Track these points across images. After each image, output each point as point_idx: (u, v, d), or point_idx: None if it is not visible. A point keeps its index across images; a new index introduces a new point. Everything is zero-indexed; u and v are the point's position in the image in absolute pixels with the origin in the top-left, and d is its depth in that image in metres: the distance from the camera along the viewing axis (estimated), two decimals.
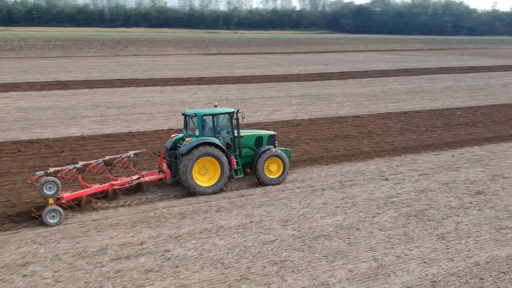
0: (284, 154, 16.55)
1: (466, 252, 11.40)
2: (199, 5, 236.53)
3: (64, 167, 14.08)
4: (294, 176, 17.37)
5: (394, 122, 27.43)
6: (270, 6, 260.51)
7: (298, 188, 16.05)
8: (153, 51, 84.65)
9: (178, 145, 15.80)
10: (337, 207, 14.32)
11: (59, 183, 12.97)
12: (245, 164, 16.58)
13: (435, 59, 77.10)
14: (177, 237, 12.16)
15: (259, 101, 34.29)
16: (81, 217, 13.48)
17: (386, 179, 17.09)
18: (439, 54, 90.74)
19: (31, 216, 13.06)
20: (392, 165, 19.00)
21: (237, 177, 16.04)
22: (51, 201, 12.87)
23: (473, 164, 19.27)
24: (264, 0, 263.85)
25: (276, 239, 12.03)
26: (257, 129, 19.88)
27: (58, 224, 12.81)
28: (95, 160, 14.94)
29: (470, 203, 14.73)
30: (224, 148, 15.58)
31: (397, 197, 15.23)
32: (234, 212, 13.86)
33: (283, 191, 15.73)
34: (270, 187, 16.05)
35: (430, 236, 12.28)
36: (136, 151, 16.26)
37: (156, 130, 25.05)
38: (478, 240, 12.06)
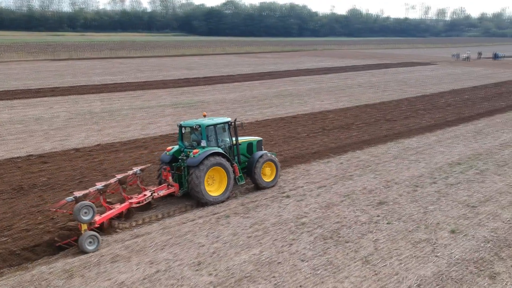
0: (276, 158, 17.28)
1: (395, 277, 10.83)
2: (40, 6, 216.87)
3: (87, 190, 13.32)
4: (192, 201, 15.57)
5: (275, 130, 26.98)
6: (118, 7, 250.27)
7: (200, 217, 14.29)
8: None
9: (180, 157, 15.61)
10: (249, 237, 12.91)
11: (95, 207, 12.29)
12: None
13: (290, 61, 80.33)
14: None
15: (129, 113, 31.41)
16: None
17: (288, 196, 16.18)
18: (292, 56, 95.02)
19: (56, 246, 12.08)
20: (288, 179, 18.22)
21: (240, 183, 16.30)
22: (84, 226, 12.09)
23: (363, 170, 19.39)
24: (112, 1, 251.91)
25: None
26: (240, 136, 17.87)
27: (96, 250, 11.94)
28: (111, 180, 14.36)
29: (378, 216, 14.46)
30: (229, 157, 15.76)
31: (305, 216, 14.36)
32: (133, 260, 11.60)
33: (184, 223, 13.83)
34: (167, 221, 14.03)
35: (355, 262, 11.52)
36: (142, 167, 15.74)
37: (11, 158, 20.95)
38: (401, 260, 11.63)
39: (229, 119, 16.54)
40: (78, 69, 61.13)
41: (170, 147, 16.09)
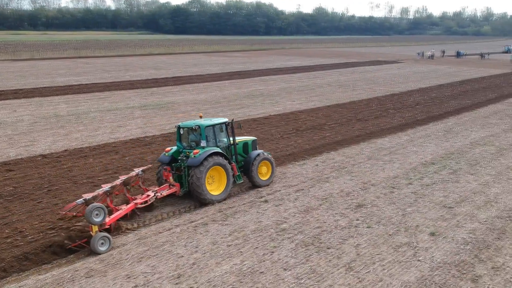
0: (272, 158, 17.76)
1: (379, 283, 10.69)
2: None
3: (96, 192, 13.43)
4: (168, 208, 15.11)
5: (248, 131, 26.61)
6: (81, 5, 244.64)
7: (177, 226, 13.84)
8: None
9: (180, 157, 15.86)
10: (229, 245, 12.56)
11: (106, 208, 12.38)
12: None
13: (259, 60, 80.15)
14: None
15: (97, 116, 30.45)
16: None
17: (266, 201, 15.90)
18: (261, 55, 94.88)
19: (67, 248, 12.06)
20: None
21: (238, 182, 16.63)
22: (95, 228, 12.12)
23: (339, 172, 19.31)
24: None
25: None
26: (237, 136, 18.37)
27: (107, 251, 12.04)
28: (117, 181, 14.48)
29: (357, 219, 14.36)
30: (228, 156, 16.10)
31: (285, 222, 14.11)
32: (109, 274, 11.07)
33: (161, 233, 13.35)
34: (143, 231, 13.51)
35: (338, 269, 11.34)
36: (144, 168, 15.91)
37: None
38: (384, 265, 11.52)
39: (226, 119, 16.89)
40: (40, 70, 59.18)
41: (168, 148, 16.36)
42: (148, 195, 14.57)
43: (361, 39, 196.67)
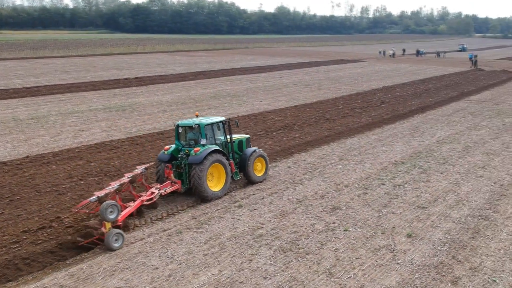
0: (266, 154, 18.37)
1: None
2: None
3: (107, 190, 13.46)
4: (137, 217, 14.51)
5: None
6: (36, 4, 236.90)
7: (150, 235, 13.29)
8: None
9: (180, 155, 16.15)
10: (205, 254, 12.13)
11: (119, 206, 12.73)
12: None
13: (223, 60, 79.58)
14: None
15: (58, 120, 29.24)
16: None
17: (241, 206, 15.54)
18: (225, 54, 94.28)
19: (78, 245, 12.31)
20: (238, 186, 17.58)
21: (236, 179, 17.11)
22: (108, 225, 12.30)
23: (311, 174, 19.17)
24: None
25: None
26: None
27: (120, 248, 12.30)
28: (123, 179, 14.63)
29: (333, 222, 14.21)
30: (226, 154, 16.57)
31: (261, 228, 13.80)
32: None
33: (133, 243, 12.77)
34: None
35: (318, 275, 11.11)
36: (147, 165, 16.13)
37: None
38: (364, 270, 11.38)
39: (223, 118, 17.32)
40: None
41: (167, 147, 16.62)
42: (153, 192, 14.84)
43: (323, 38, 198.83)
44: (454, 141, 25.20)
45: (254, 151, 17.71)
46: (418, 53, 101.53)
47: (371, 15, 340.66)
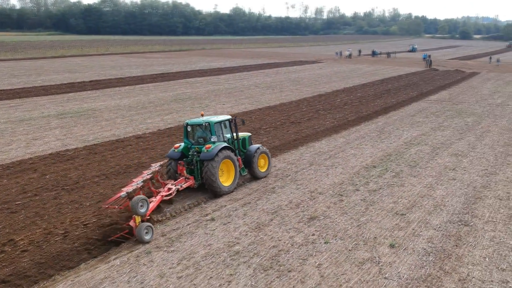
0: (268, 151, 19.20)
1: None
2: None
3: (135, 186, 13.90)
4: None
5: (181, 139, 24.95)
6: None
7: (116, 257, 12.09)
8: None
9: (191, 153, 16.73)
10: (179, 277, 11.10)
11: (148, 200, 13.22)
12: None
13: (181, 61, 77.97)
14: None
15: (7, 128, 27.18)
16: None
17: (213, 219, 14.56)
18: (182, 56, 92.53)
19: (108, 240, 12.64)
20: (209, 197, 16.58)
21: (243, 175, 17.93)
22: (138, 219, 12.85)
23: (283, 181, 18.41)
24: None
25: None
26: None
27: (151, 240, 12.83)
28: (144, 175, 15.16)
29: (313, 234, 13.47)
30: (235, 150, 17.47)
31: (238, 243, 12.88)
32: None
33: (97, 268, 11.54)
34: (81, 268, 11.64)
35: None
36: (161, 163, 16.75)
37: None
38: (351, 287, 10.69)
39: (229, 116, 18.10)
40: None
41: (177, 145, 17.26)
42: (170, 188, 15.40)
43: (279, 39, 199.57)
44: (421, 142, 25.12)
45: (258, 148, 18.40)
46: (373, 53, 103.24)
47: (325, 16, 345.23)
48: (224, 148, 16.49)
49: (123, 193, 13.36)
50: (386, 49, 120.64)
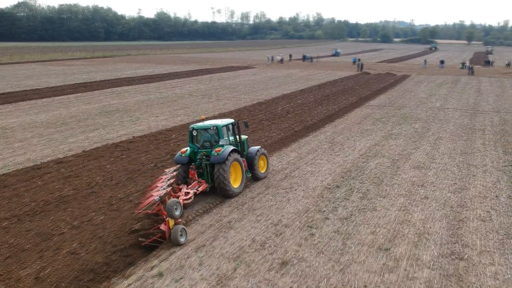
0: (266, 151, 19.42)
1: None
2: None
3: (164, 190, 13.69)
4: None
5: (111, 162, 21.46)
6: None
7: None
8: None
9: (199, 156, 16.83)
10: None
11: (181, 203, 13.31)
12: None
13: (105, 69, 72.88)
14: None
15: None
16: None
17: (161, 274, 11.49)
18: (106, 63, 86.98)
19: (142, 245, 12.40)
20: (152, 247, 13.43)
21: (247, 176, 18.15)
22: (172, 222, 12.91)
23: (240, 212, 15.61)
24: None
25: None
26: None
27: (185, 242, 12.76)
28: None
29: (290, 287, 10.81)
30: (242, 153, 17.74)
31: None
32: None
33: None
34: None
35: None
36: (174, 167, 16.61)
37: None
38: None
39: (233, 120, 18.37)
40: None
41: (184, 149, 17.29)
42: (188, 192, 15.41)
43: (206, 44, 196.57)
44: (377, 154, 23.36)
45: (258, 150, 18.67)
46: (304, 58, 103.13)
47: (251, 22, 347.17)
48: (233, 151, 16.78)
49: (156, 197, 13.18)
50: (315, 53, 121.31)
